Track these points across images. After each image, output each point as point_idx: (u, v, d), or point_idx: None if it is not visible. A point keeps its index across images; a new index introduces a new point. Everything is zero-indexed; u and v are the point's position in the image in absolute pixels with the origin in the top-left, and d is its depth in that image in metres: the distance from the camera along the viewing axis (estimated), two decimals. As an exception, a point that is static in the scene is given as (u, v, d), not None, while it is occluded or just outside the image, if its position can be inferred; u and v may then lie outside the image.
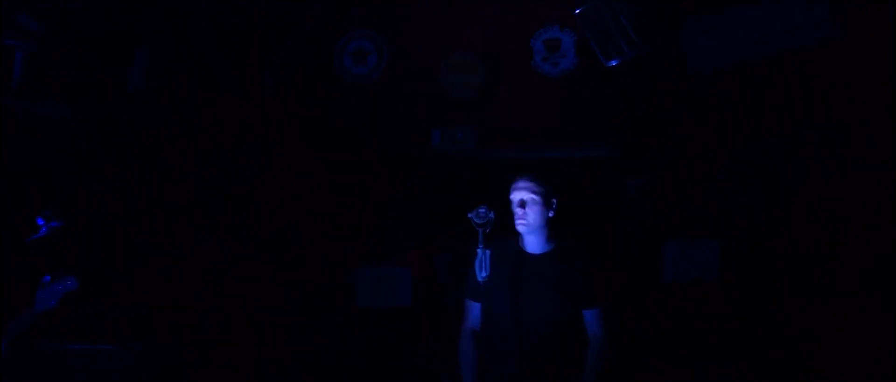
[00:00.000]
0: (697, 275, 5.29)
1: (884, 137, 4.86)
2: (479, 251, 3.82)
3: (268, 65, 5.69)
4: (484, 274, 3.82)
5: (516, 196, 3.99)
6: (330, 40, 5.72)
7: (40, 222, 4.09)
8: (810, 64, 5.13)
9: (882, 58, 4.89)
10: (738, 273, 5.27)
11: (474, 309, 4.05)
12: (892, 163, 4.81)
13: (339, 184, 5.69)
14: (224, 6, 5.61)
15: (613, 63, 5.17)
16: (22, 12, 5.00)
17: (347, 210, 5.67)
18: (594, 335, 3.97)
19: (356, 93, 5.72)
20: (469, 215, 3.86)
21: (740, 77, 5.28)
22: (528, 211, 3.95)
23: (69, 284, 3.99)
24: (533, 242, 4.03)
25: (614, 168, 5.52)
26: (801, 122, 5.17)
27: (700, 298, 5.31)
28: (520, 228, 3.99)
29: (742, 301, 5.26)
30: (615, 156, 5.51)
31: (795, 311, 5.11)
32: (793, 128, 5.20)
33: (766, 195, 5.27)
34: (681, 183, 5.42)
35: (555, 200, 4.00)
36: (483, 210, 3.84)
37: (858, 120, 5.02)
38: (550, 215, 3.99)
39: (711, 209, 5.34)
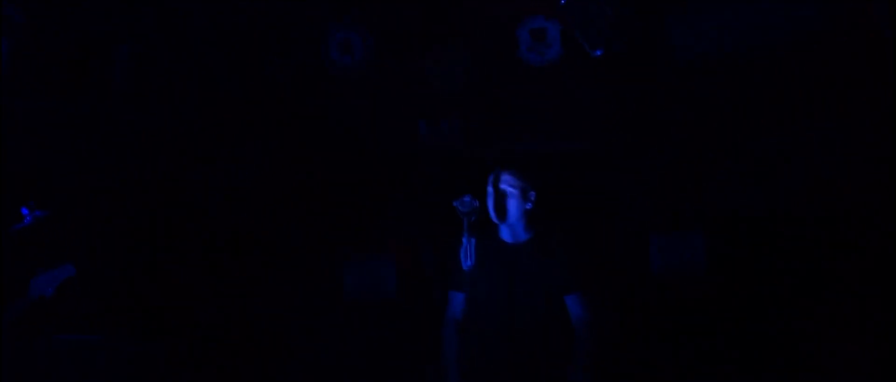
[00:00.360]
0: (684, 267, 5.32)
1: (884, 137, 4.90)
2: (463, 239, 3.87)
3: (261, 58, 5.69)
4: (469, 263, 3.87)
5: (494, 188, 4.06)
6: (316, 30, 5.70)
7: (25, 212, 4.09)
8: (803, 62, 5.16)
9: (881, 57, 4.93)
10: (728, 267, 5.29)
11: (457, 300, 4.11)
12: (892, 163, 4.86)
13: (324, 177, 5.69)
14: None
15: (599, 53, 5.18)
16: (8, 4, 4.99)
17: (333, 202, 5.67)
18: (578, 318, 4.01)
19: (342, 85, 5.71)
20: (454, 204, 3.90)
21: (730, 69, 5.30)
22: (505, 204, 4.02)
23: (67, 271, 3.98)
24: (511, 233, 4.12)
25: (602, 160, 5.53)
26: (798, 120, 5.21)
27: (687, 290, 5.34)
28: (497, 219, 4.06)
29: (731, 295, 5.29)
30: (602, 148, 5.53)
31: (791, 309, 5.15)
32: (791, 127, 5.23)
33: (759, 188, 5.30)
34: (670, 176, 5.44)
35: (532, 194, 4.09)
36: (468, 199, 3.89)
37: (858, 120, 5.06)
38: (528, 207, 4.07)
39: (702, 202, 5.37)
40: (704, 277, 5.31)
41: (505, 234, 4.12)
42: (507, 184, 4.03)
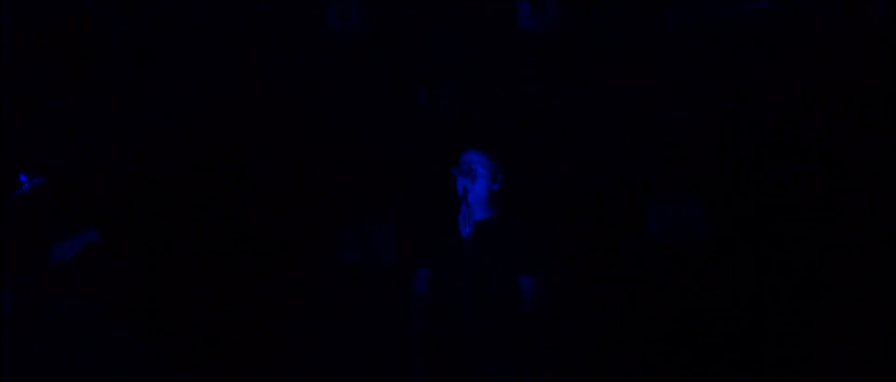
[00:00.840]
0: (682, 234, 5.34)
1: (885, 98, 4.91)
2: (462, 207, 4.04)
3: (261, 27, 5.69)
4: (467, 230, 3.94)
5: (465, 165, 4.19)
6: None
7: (23, 178, 4.10)
8: (801, 26, 5.16)
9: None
10: (727, 234, 5.32)
11: (422, 276, 4.25)
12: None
13: (321, 145, 5.70)
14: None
15: (593, 19, 5.21)
16: None
17: (330, 170, 5.68)
18: (529, 301, 4.13)
19: (341, 54, 5.71)
20: (452, 170, 4.09)
21: (725, 35, 5.30)
22: (474, 184, 4.15)
23: (90, 235, 3.98)
24: (474, 210, 4.21)
25: (600, 125, 5.54)
26: (796, 86, 5.21)
27: (684, 257, 5.36)
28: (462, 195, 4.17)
29: (729, 262, 5.31)
30: (600, 114, 5.54)
31: (791, 284, 5.18)
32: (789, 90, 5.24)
33: (758, 154, 5.31)
34: (669, 142, 5.45)
35: (500, 176, 4.22)
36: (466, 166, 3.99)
37: (858, 84, 5.07)
38: (495, 188, 4.21)
39: (701, 168, 5.39)
40: (702, 244, 5.34)
41: (470, 212, 4.20)
42: (478, 164, 4.16)
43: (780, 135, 5.28)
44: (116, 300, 5.11)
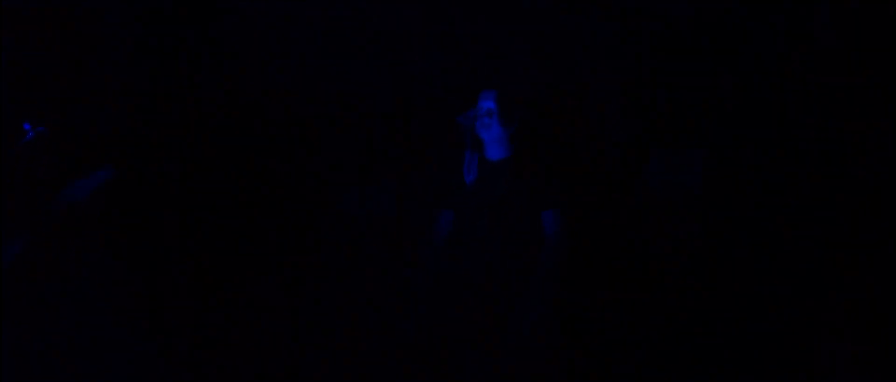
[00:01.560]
0: (681, 186, 5.38)
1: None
2: (466, 154, 4.08)
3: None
4: (472, 177, 3.98)
5: (485, 104, 4.24)
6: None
7: (27, 127, 4.12)
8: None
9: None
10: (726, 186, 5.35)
11: (445, 217, 4.30)
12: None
13: (321, 105, 5.72)
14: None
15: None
16: None
17: (332, 131, 5.70)
18: (549, 234, 4.19)
19: (337, 22, 5.72)
20: (458, 119, 4.14)
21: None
22: (493, 121, 4.19)
23: (105, 174, 4.00)
24: (493, 150, 4.28)
25: (599, 75, 5.56)
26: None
27: (683, 209, 5.40)
28: (482, 135, 4.23)
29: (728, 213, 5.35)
30: (600, 64, 5.55)
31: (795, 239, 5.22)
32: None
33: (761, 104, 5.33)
34: (669, 93, 5.47)
35: (518, 116, 4.26)
36: (472, 113, 4.09)
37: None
38: (512, 130, 4.25)
39: (702, 120, 5.42)
40: (701, 195, 5.37)
41: (489, 152, 4.25)
42: (496, 102, 4.19)
43: (786, 98, 5.30)
44: (125, 245, 5.13)
